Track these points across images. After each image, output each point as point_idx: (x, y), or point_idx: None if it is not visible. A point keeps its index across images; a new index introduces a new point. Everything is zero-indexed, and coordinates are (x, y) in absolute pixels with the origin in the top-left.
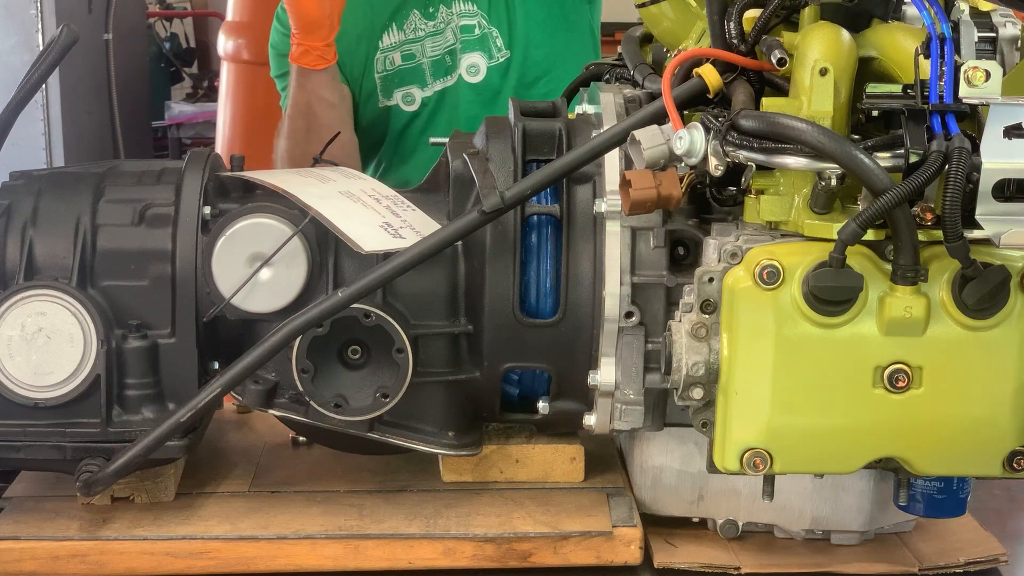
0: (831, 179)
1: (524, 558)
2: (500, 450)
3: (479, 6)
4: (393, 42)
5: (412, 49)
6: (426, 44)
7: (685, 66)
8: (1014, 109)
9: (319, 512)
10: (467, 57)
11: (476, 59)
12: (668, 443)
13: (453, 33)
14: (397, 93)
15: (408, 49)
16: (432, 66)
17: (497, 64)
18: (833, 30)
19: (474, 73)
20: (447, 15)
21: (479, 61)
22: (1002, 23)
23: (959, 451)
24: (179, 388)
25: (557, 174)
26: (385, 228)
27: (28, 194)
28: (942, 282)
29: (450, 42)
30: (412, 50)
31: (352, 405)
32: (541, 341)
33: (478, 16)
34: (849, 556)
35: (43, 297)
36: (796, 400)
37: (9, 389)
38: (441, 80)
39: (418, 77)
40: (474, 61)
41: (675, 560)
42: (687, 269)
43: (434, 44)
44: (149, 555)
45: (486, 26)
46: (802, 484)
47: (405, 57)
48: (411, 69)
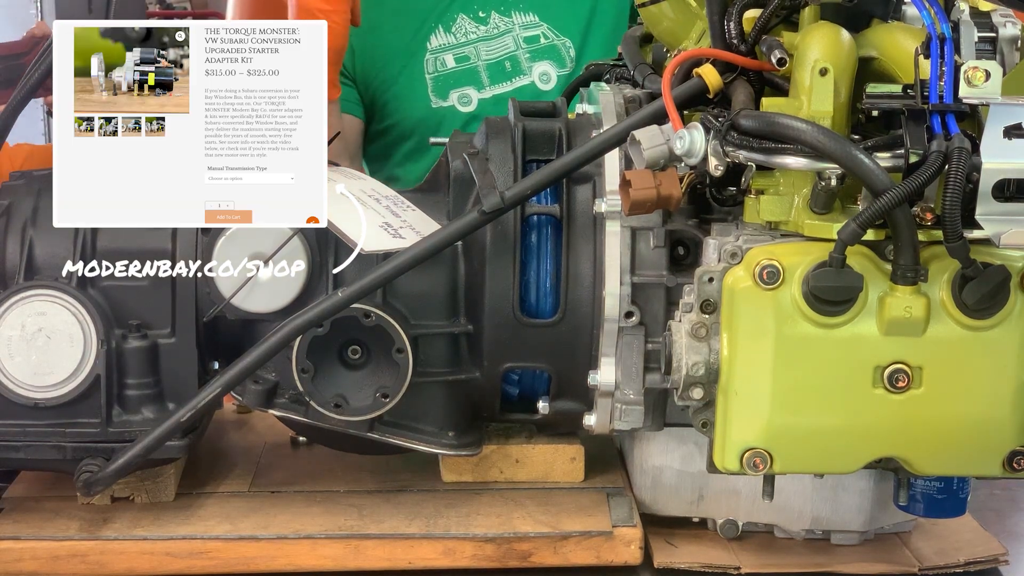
0: (831, 179)
1: (524, 558)
2: (500, 450)
3: (542, 17)
4: (442, 44)
5: (466, 52)
6: (480, 48)
7: (685, 66)
8: (1014, 109)
9: (319, 512)
10: (538, 65)
11: (546, 67)
12: (668, 443)
13: (514, 41)
14: (453, 94)
15: (461, 52)
16: (488, 69)
17: (571, 73)
18: (833, 30)
19: (546, 81)
20: (503, 23)
21: (549, 70)
22: (1002, 23)
23: (959, 451)
24: (179, 388)
25: (557, 174)
26: (385, 228)
27: (28, 194)
28: (942, 282)
29: (510, 49)
30: (466, 52)
31: (352, 405)
32: (541, 341)
33: (541, 27)
34: (849, 556)
35: (43, 297)
36: (796, 400)
37: (9, 389)
38: (500, 84)
39: (474, 79)
40: (545, 69)
41: (675, 560)
42: (687, 269)
43: (489, 48)
44: (149, 555)
45: (554, 37)
46: (802, 484)
47: (459, 59)
48: (466, 71)
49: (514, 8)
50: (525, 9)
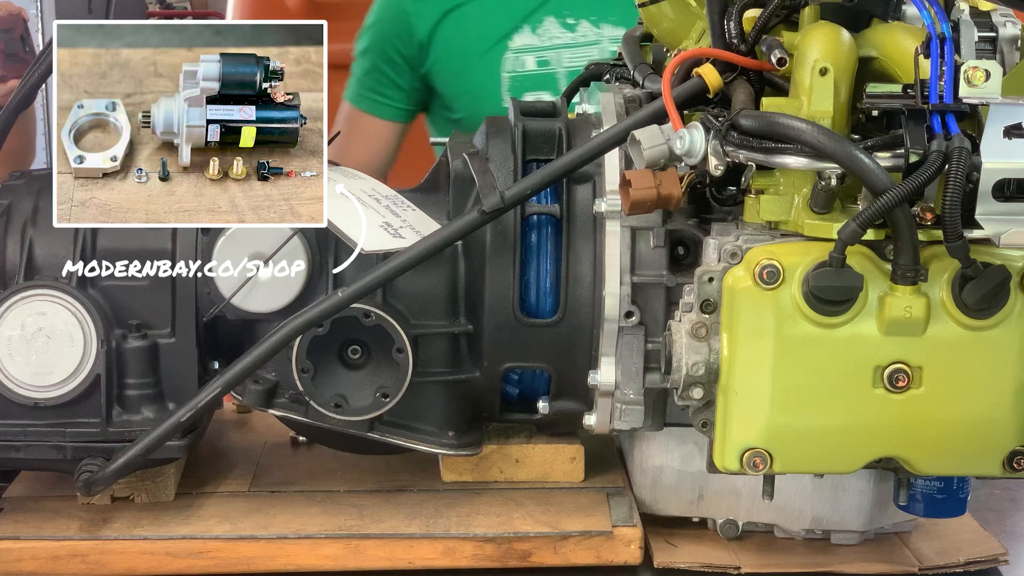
0: (831, 179)
1: (524, 558)
2: (500, 450)
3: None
4: (525, 44)
5: (547, 56)
6: (563, 54)
7: (685, 66)
8: (1014, 109)
9: (319, 512)
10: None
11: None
12: (668, 443)
13: (600, 53)
14: (528, 97)
15: (543, 55)
16: (568, 78)
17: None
18: (833, 30)
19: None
20: (593, 33)
21: None
22: (1002, 23)
23: (959, 451)
24: (179, 388)
25: (557, 174)
26: (385, 228)
27: (28, 194)
28: (942, 282)
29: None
30: (547, 57)
31: (352, 405)
32: (541, 341)
33: None
34: (849, 556)
35: (43, 297)
36: (796, 400)
37: (9, 389)
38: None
39: (551, 85)
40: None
41: (675, 560)
42: (687, 269)
43: (573, 56)
44: (149, 555)
45: None
46: (802, 484)
47: (540, 63)
48: (545, 76)
49: (605, 20)
50: (617, 23)
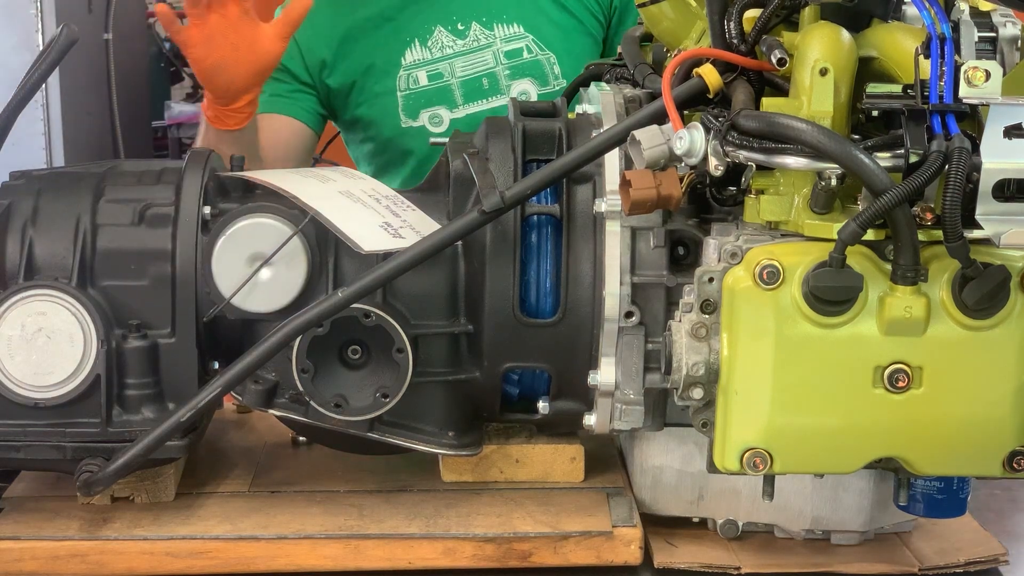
0: (831, 179)
1: (524, 558)
2: (500, 450)
3: (526, 28)
4: (417, 59)
5: (440, 68)
6: (455, 64)
7: (685, 66)
8: (1014, 109)
9: (319, 512)
10: (518, 83)
11: (526, 86)
12: (668, 443)
13: (494, 56)
14: (424, 114)
15: (435, 68)
16: (463, 87)
17: (552, 92)
18: (833, 30)
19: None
20: (484, 36)
21: (530, 88)
22: (1002, 23)
23: (959, 451)
24: (179, 388)
25: (557, 174)
26: (385, 228)
27: (28, 194)
28: (942, 282)
29: (489, 65)
30: (440, 69)
31: (352, 405)
32: (541, 341)
33: (526, 39)
34: (849, 556)
35: (43, 297)
36: (796, 400)
37: (9, 389)
38: (474, 103)
39: (447, 98)
40: (524, 88)
41: (675, 560)
42: (687, 269)
43: (466, 64)
44: (149, 555)
45: (538, 51)
46: (802, 484)
47: (432, 76)
48: (439, 89)
49: (497, 20)
50: (510, 20)
